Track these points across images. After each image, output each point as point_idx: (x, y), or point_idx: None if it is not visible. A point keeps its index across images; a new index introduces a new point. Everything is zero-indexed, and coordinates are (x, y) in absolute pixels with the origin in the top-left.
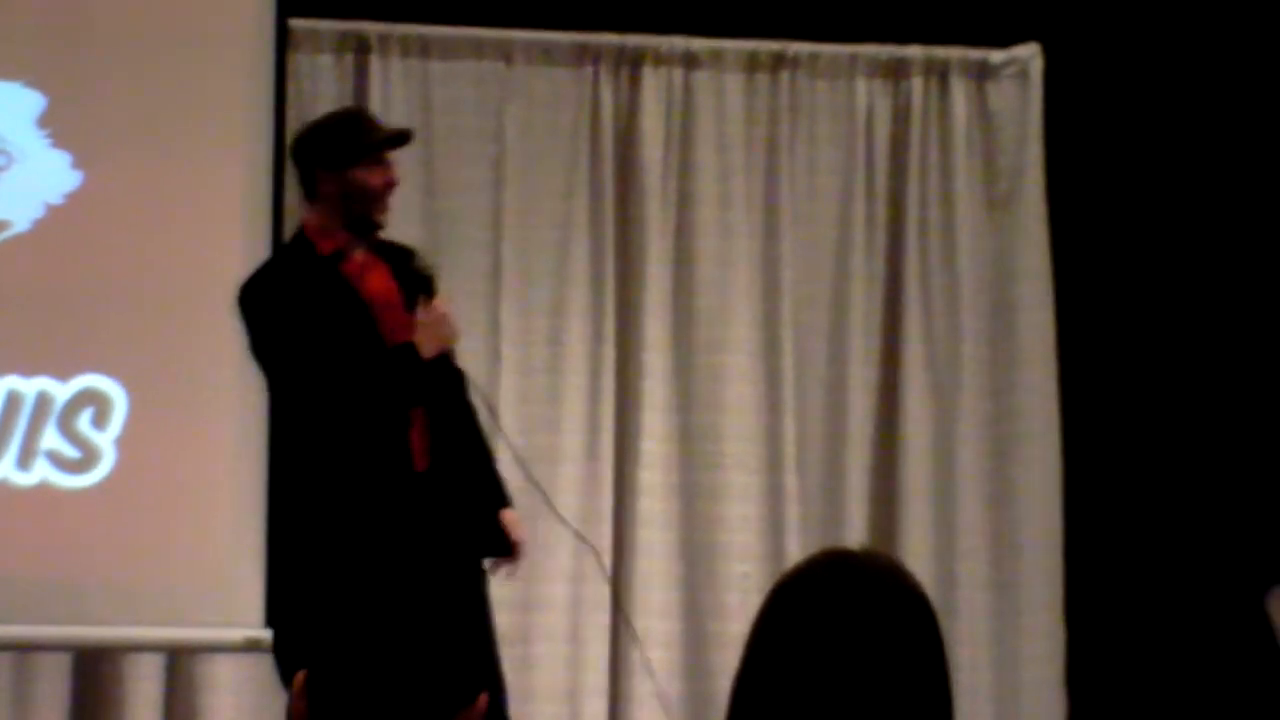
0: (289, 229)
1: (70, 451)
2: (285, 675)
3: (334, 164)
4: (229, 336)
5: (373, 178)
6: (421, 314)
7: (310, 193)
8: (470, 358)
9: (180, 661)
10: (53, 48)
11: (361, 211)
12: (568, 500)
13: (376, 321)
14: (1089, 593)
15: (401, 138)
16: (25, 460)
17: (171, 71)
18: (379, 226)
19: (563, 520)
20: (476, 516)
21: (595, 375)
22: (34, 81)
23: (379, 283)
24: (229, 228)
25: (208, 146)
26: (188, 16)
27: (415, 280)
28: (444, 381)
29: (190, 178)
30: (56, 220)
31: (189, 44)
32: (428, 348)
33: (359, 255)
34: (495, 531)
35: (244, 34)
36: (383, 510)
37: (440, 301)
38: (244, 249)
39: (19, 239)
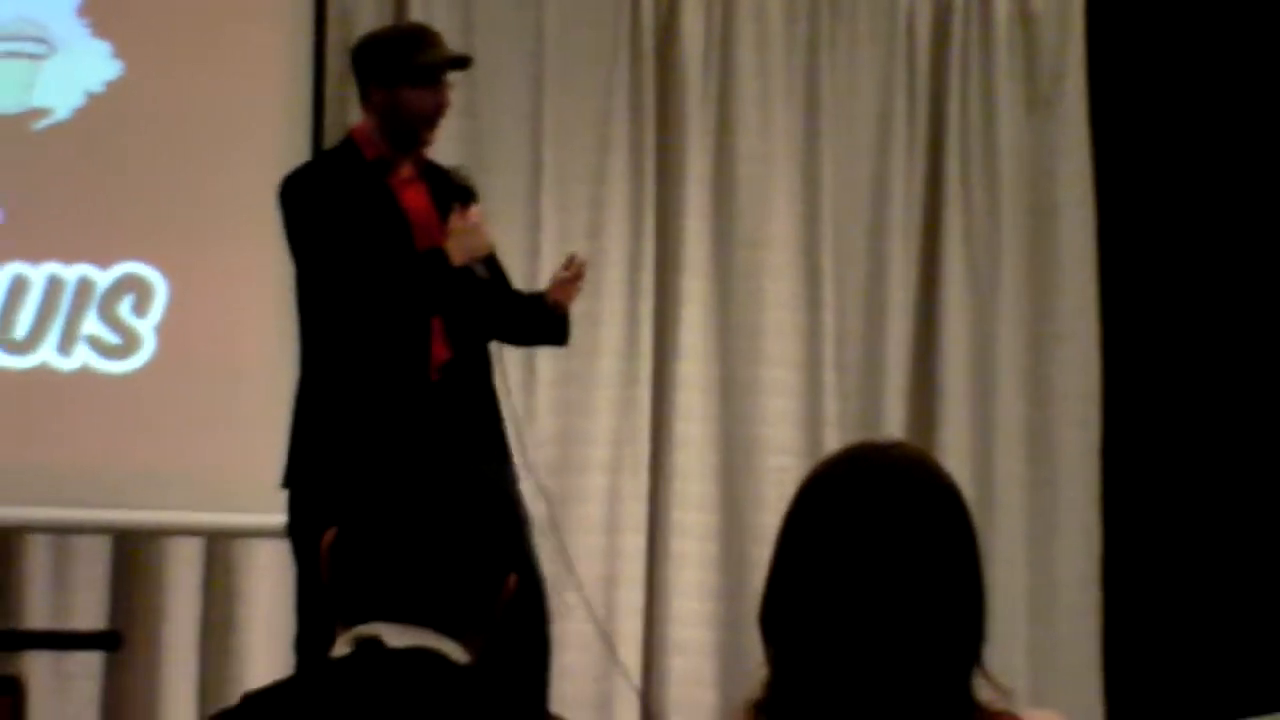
0: (329, 119)
1: (111, 338)
2: (300, 540)
3: (386, 80)
4: (268, 225)
5: (423, 99)
6: (455, 222)
7: (363, 100)
8: (510, 253)
9: (219, 546)
10: None
11: (407, 128)
12: (606, 394)
13: (412, 235)
14: (1126, 491)
15: (459, 63)
16: (66, 346)
17: None
18: (423, 144)
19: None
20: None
21: (634, 270)
22: None
23: (417, 200)
24: (268, 117)
25: (247, 35)
26: None
27: (454, 190)
28: (468, 292)
29: (231, 68)
30: (97, 108)
31: None
32: (458, 255)
33: (405, 170)
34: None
35: None
36: (397, 409)
37: (475, 211)
38: (283, 139)
39: (60, 127)
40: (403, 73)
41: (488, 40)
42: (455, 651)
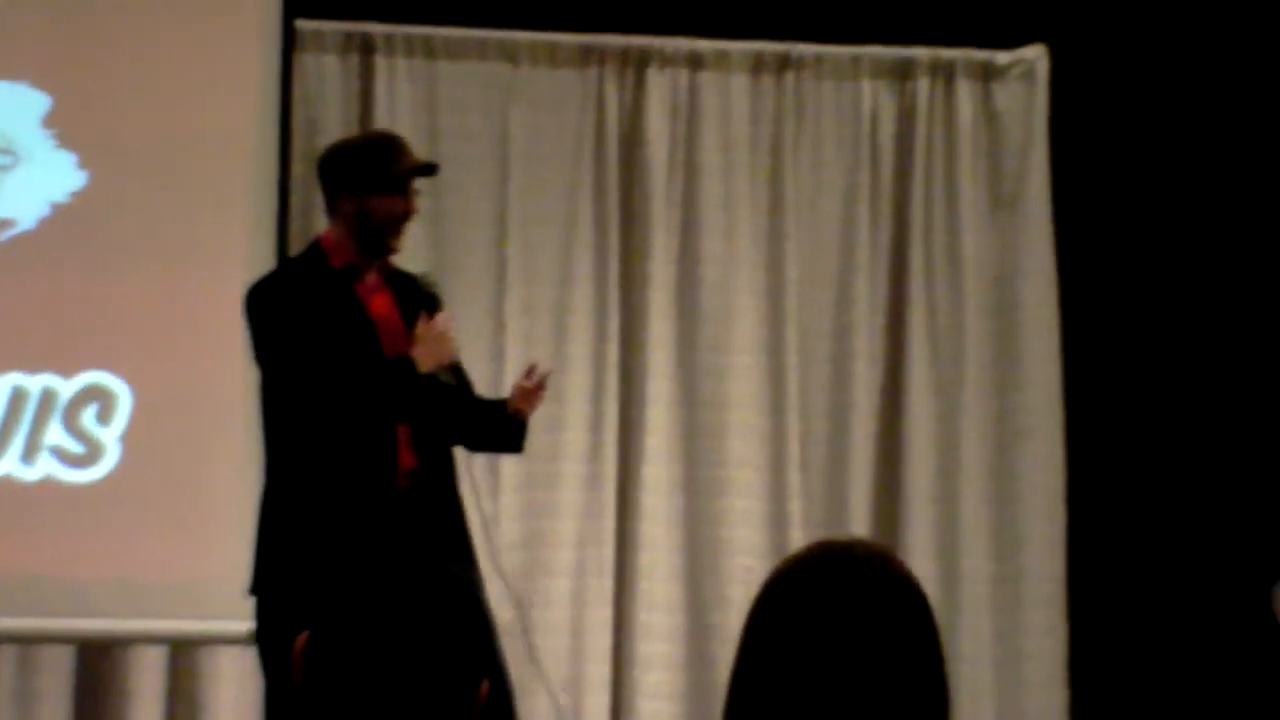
0: (295, 228)
1: (74, 447)
2: (268, 646)
3: (355, 188)
4: (232, 334)
5: (393, 207)
6: (422, 329)
7: (330, 209)
8: (475, 357)
9: (183, 654)
10: (59, 48)
11: (376, 235)
12: (571, 497)
13: (380, 342)
14: (1092, 589)
15: (427, 169)
16: (30, 455)
17: (177, 71)
18: (391, 251)
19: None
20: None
21: (599, 373)
22: (40, 82)
23: (383, 307)
24: (234, 226)
25: (213, 146)
26: (193, 17)
27: (420, 298)
28: (435, 399)
29: (196, 177)
30: (62, 219)
31: (194, 44)
32: (425, 362)
33: (370, 278)
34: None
35: (250, 34)
36: (366, 516)
37: (442, 318)
38: (249, 246)
39: (24, 237)
40: (371, 181)
41: (453, 146)
42: None
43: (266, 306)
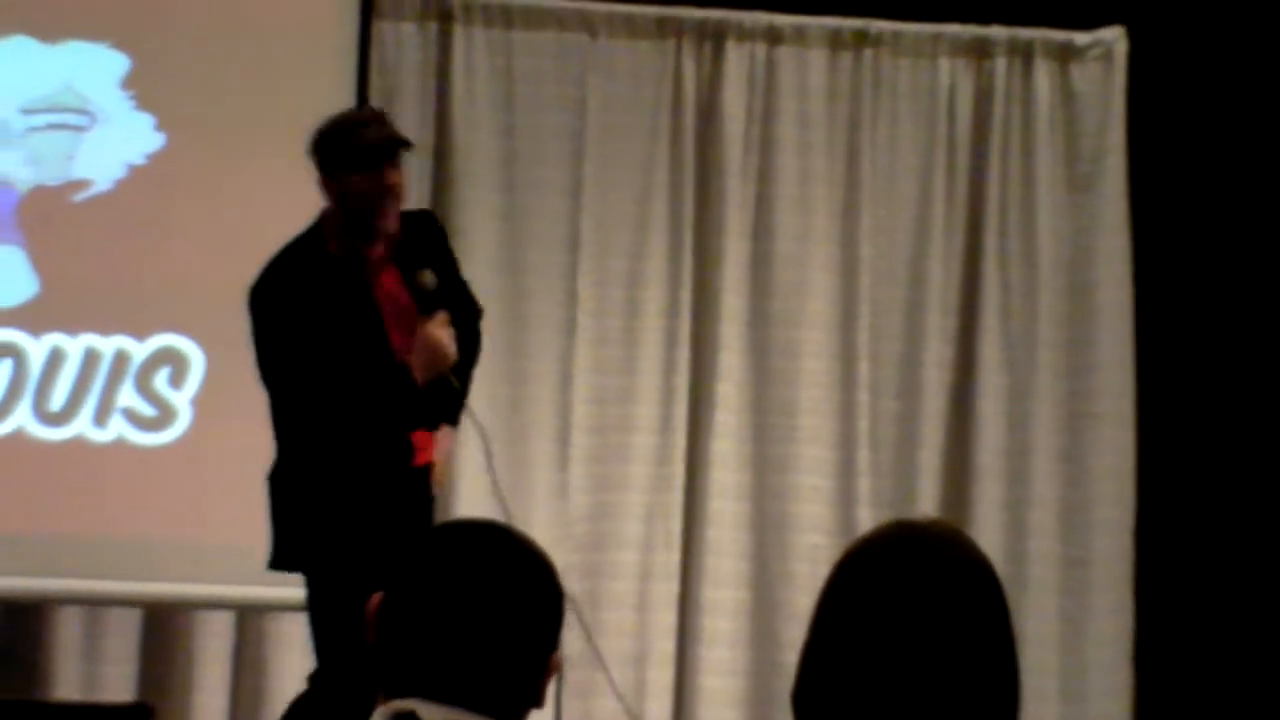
0: None
1: (147, 410)
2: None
3: (329, 169)
4: None
5: (364, 185)
6: (418, 337)
7: (323, 191)
8: (548, 327)
9: (249, 619)
10: (138, 10)
11: (358, 218)
12: (640, 470)
13: (385, 324)
14: (1160, 573)
15: (393, 144)
16: (102, 418)
17: (256, 36)
18: (376, 234)
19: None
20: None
21: (671, 347)
22: (119, 43)
23: (390, 284)
24: (310, 192)
25: (291, 110)
26: None
27: (416, 297)
28: (438, 403)
29: (272, 141)
30: (138, 181)
31: (273, 9)
32: (420, 373)
33: (378, 249)
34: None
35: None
36: (391, 500)
37: (438, 323)
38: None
39: (101, 198)
40: (341, 160)
41: (529, 116)
42: None
43: (269, 307)
